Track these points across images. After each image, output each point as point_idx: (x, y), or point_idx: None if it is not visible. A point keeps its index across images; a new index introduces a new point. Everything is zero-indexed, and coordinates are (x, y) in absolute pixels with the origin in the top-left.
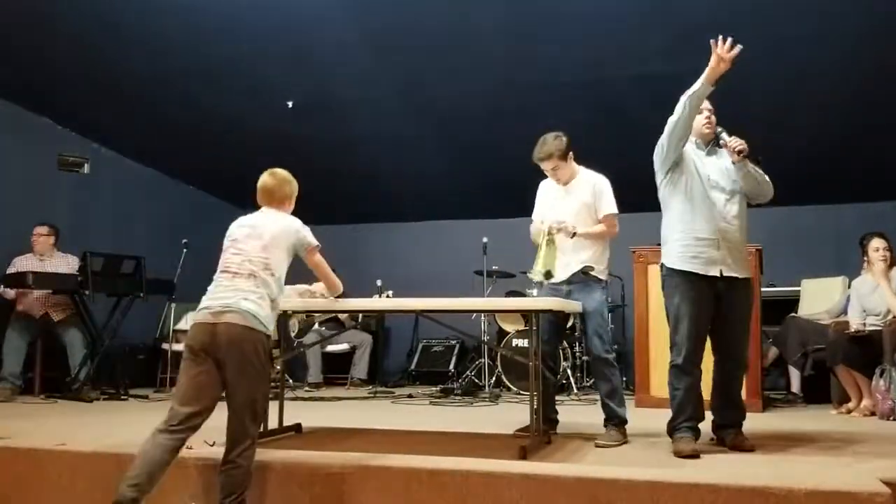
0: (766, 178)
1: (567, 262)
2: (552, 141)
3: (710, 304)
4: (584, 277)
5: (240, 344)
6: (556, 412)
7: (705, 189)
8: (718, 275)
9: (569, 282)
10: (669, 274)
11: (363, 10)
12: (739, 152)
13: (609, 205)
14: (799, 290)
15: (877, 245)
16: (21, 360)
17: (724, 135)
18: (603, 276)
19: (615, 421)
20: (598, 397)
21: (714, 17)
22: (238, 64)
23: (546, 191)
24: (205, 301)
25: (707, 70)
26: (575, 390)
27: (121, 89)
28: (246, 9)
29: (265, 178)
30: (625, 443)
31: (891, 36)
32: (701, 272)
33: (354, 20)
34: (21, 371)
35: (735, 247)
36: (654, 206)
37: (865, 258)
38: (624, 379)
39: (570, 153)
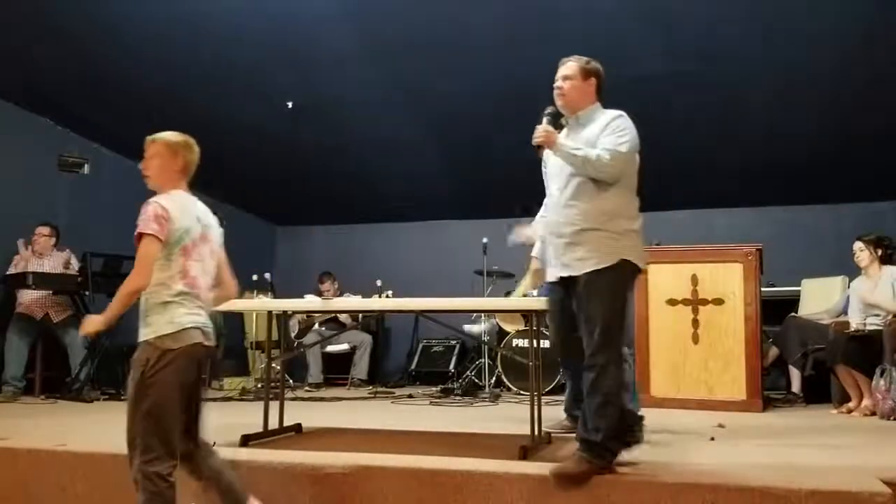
0: (586, 155)
1: None
2: None
3: (564, 311)
4: None
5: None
6: None
7: (553, 175)
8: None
9: None
10: None
11: (362, 11)
12: (537, 146)
13: None
14: (799, 290)
15: (854, 248)
16: (23, 364)
17: (545, 119)
18: None
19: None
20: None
21: (713, 18)
22: (238, 65)
23: None
24: (198, 318)
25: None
26: None
27: (121, 90)
28: (246, 11)
29: (195, 147)
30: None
31: (890, 36)
32: (549, 279)
33: (354, 22)
34: (23, 374)
35: (567, 241)
36: (653, 205)
37: None
38: None
39: None
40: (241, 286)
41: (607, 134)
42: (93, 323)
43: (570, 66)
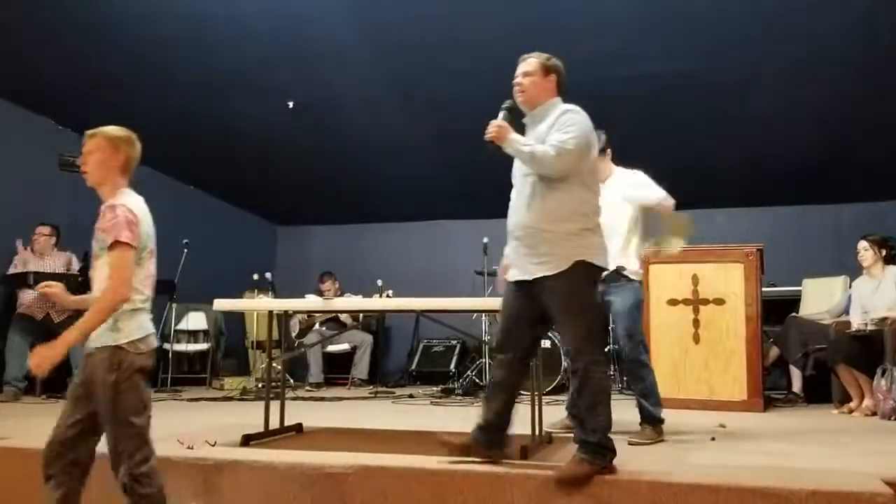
0: (533, 151)
1: None
2: None
3: (517, 304)
4: (616, 277)
5: None
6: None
7: (515, 174)
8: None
9: (602, 281)
10: None
11: (363, 11)
12: (489, 141)
13: (658, 190)
14: (800, 290)
15: (858, 247)
16: (24, 364)
17: (501, 114)
18: (635, 277)
19: (650, 421)
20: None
21: (713, 17)
22: (238, 65)
23: None
24: (151, 326)
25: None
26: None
27: (122, 90)
28: (247, 10)
29: (137, 143)
30: (660, 441)
31: (891, 35)
32: (509, 278)
33: (354, 22)
34: (24, 375)
35: (523, 244)
36: None
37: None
38: (625, 379)
39: (608, 151)
40: (241, 286)
41: (555, 129)
42: (52, 355)
43: (530, 63)
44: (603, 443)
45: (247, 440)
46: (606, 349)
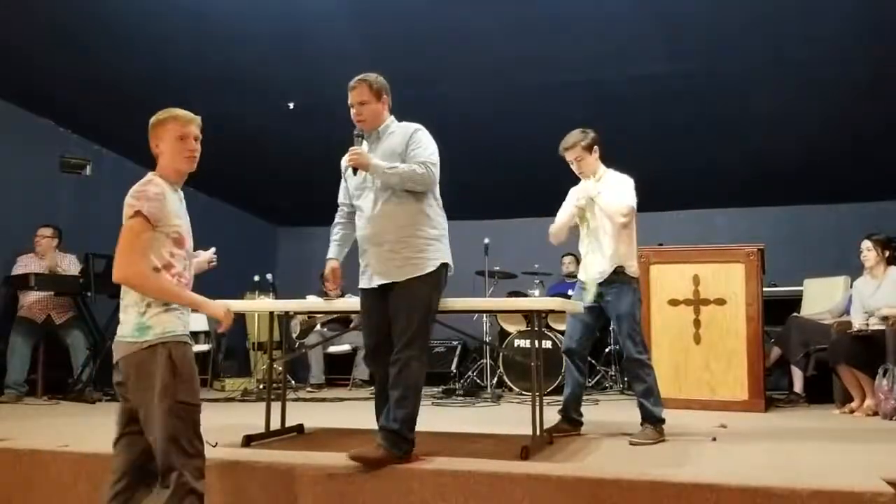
0: (401, 172)
1: (600, 265)
2: (577, 133)
3: (378, 313)
4: (616, 277)
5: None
6: (581, 414)
7: (359, 193)
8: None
9: (602, 283)
10: None
11: (364, 11)
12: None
13: (624, 195)
14: (801, 290)
15: (861, 247)
16: (26, 367)
17: (356, 141)
18: (634, 274)
19: (651, 420)
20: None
21: (714, 17)
22: (239, 66)
23: (574, 193)
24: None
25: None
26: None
27: (122, 91)
28: (246, 11)
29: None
30: (661, 441)
31: (891, 35)
32: (365, 286)
33: (354, 21)
34: (25, 378)
35: (384, 250)
36: (655, 205)
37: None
38: (626, 379)
39: (596, 148)
40: (242, 287)
41: (413, 148)
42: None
43: (363, 92)
44: (403, 434)
45: (248, 441)
46: (608, 350)
